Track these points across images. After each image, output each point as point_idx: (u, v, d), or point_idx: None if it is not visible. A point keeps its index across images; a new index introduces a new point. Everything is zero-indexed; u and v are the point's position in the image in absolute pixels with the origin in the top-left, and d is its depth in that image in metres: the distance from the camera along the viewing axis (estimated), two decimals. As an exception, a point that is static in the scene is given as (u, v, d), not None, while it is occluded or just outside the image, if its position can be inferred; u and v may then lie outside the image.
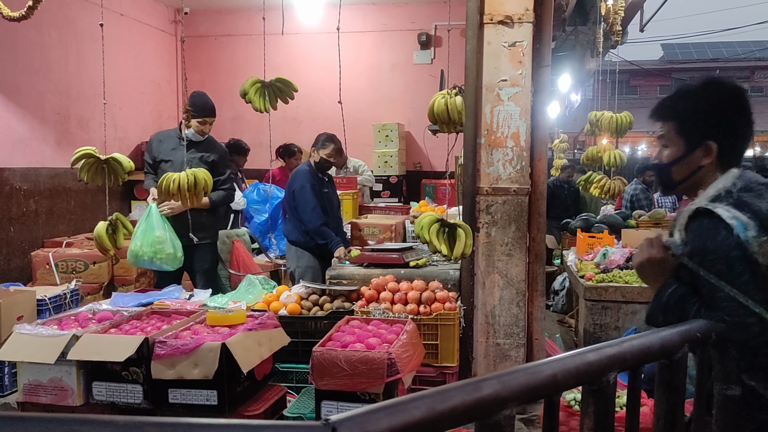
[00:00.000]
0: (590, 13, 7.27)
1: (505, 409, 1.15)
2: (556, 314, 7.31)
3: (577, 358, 1.33)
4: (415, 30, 7.77)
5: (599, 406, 1.38)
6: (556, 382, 1.25)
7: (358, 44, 7.92)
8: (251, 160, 6.46)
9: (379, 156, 7.57)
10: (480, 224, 4.35)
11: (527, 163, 4.39)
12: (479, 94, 4.31)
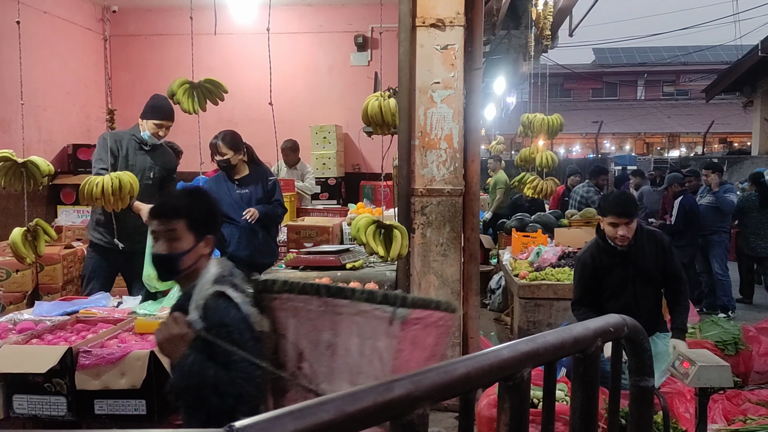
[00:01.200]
0: (522, 18, 7.44)
1: (417, 409, 1.15)
2: (493, 312, 7.43)
3: (492, 355, 1.35)
4: (352, 32, 7.78)
5: (514, 401, 1.41)
6: (470, 380, 1.27)
7: (295, 45, 7.86)
8: (185, 163, 6.31)
9: (317, 158, 7.54)
10: (415, 225, 4.38)
11: (461, 164, 4.45)
12: (413, 96, 4.34)
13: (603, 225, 3.73)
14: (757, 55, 16.14)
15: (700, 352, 3.36)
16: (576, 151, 32.79)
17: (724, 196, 7.65)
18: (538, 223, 7.76)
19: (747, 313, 7.56)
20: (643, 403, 1.77)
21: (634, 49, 36.45)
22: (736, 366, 5.03)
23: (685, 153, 30.23)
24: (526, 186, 6.86)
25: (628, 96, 37.11)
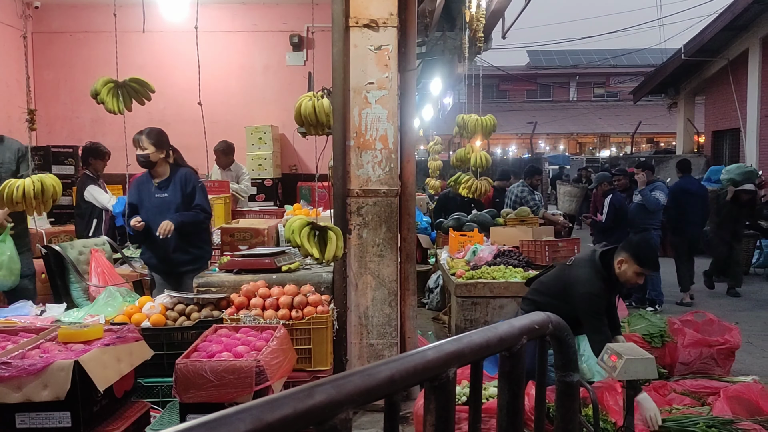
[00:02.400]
0: (456, 19, 7.53)
1: (340, 413, 1.14)
2: (431, 312, 7.50)
3: (417, 356, 1.35)
4: (287, 31, 7.70)
5: (440, 401, 1.41)
6: (394, 383, 1.26)
7: (229, 44, 7.73)
8: (112, 165, 6.12)
9: (253, 159, 7.43)
10: (351, 226, 4.37)
11: (396, 165, 4.46)
12: (347, 96, 4.33)
13: (624, 268, 3.86)
14: (680, 59, 16.88)
15: (627, 346, 3.47)
16: (512, 151, 33.50)
17: (650, 194, 7.93)
18: (475, 222, 7.88)
19: (673, 307, 7.88)
20: (568, 397, 1.81)
21: (566, 52, 37.51)
22: (663, 358, 5.23)
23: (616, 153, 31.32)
24: (461, 186, 6.94)
25: (561, 97, 38.19)
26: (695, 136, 19.50)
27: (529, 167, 9.00)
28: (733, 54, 15.92)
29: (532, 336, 1.67)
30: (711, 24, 15.44)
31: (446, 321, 6.82)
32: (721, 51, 16.22)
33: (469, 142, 7.48)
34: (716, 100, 17.50)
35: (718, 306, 8.06)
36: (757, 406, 3.89)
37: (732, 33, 15.37)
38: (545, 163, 21.78)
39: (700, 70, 17.52)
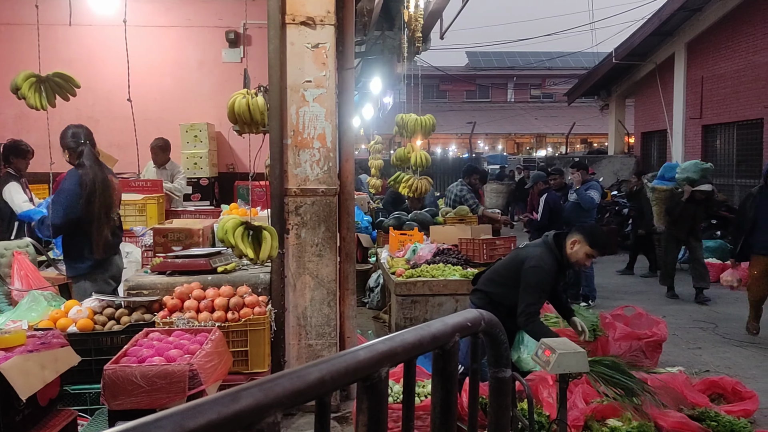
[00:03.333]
0: (395, 19, 7.55)
1: (268, 417, 1.12)
2: (372, 311, 7.51)
3: (348, 357, 1.33)
4: (223, 27, 7.54)
5: (372, 402, 1.40)
6: (325, 384, 1.24)
7: (162, 39, 7.52)
8: (36, 164, 5.84)
9: (188, 157, 7.25)
10: (290, 226, 4.31)
11: (334, 164, 4.43)
12: (284, 94, 4.27)
13: (576, 248, 4.14)
14: (611, 62, 17.45)
15: (560, 340, 3.55)
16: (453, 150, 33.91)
17: (584, 193, 8.15)
18: (415, 221, 7.92)
19: (605, 302, 8.13)
20: (501, 393, 1.83)
21: (504, 54, 38.25)
22: (595, 351, 5.38)
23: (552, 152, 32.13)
24: (402, 185, 6.97)
25: (499, 98, 38.92)
26: (626, 137, 20.19)
27: (467, 167, 9.11)
28: (660, 58, 16.56)
29: (464, 333, 1.67)
30: (640, 29, 16.02)
31: (387, 320, 6.83)
32: (649, 55, 16.86)
33: (410, 142, 7.52)
34: (645, 102, 18.18)
35: (647, 300, 8.37)
36: (682, 395, 4.05)
37: (659, 38, 15.99)
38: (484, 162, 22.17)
39: (630, 74, 18.16)
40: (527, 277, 4.10)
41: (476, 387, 1.78)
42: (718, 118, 14.61)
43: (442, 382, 1.64)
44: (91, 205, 4.27)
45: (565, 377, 3.36)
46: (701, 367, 5.65)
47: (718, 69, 14.43)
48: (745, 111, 13.51)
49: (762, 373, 5.53)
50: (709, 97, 14.79)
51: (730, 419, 3.73)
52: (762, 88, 12.89)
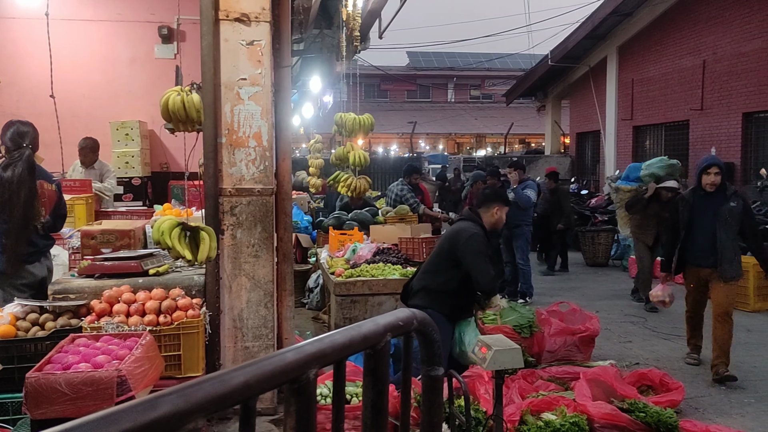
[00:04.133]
0: (334, 18, 7.51)
1: (188, 424, 1.08)
2: (312, 311, 7.45)
3: (275, 359, 1.30)
4: (156, 22, 7.32)
5: (301, 404, 1.37)
6: (250, 388, 1.21)
7: (91, 34, 7.24)
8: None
9: (119, 156, 7.01)
10: (225, 226, 4.23)
11: (271, 163, 4.37)
12: (218, 92, 4.18)
13: (500, 213, 4.50)
14: (548, 64, 17.89)
15: (496, 337, 3.61)
16: (394, 150, 34.06)
17: (521, 192, 8.31)
18: (355, 220, 7.90)
19: (542, 298, 8.31)
20: (434, 391, 1.83)
21: (444, 54, 38.69)
22: (531, 347, 5.50)
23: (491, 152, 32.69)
24: (341, 184, 6.94)
25: (440, 98, 39.34)
26: (562, 137, 20.74)
27: (407, 166, 9.16)
28: (593, 61, 17.08)
29: (396, 333, 1.66)
30: (574, 33, 16.48)
31: (326, 320, 6.79)
32: (583, 58, 17.37)
33: (350, 141, 7.49)
34: (579, 103, 18.71)
35: (582, 296, 8.60)
36: (612, 387, 4.17)
37: (593, 41, 16.49)
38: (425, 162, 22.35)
39: (565, 76, 18.67)
40: (469, 246, 4.24)
41: (408, 385, 1.78)
42: (647, 120, 15.17)
43: (374, 382, 1.63)
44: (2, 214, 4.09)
45: (501, 373, 3.42)
46: (632, 360, 5.84)
47: (648, 72, 14.98)
48: (673, 113, 14.08)
49: (687, 364, 5.75)
50: (640, 100, 15.35)
51: (658, 410, 3.86)
52: (688, 91, 13.46)
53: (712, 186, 5.43)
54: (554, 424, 3.72)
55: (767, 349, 6.18)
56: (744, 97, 11.91)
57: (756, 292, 7.76)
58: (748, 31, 11.80)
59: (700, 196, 5.53)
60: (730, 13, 12.24)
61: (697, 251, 5.50)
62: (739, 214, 5.38)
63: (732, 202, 5.40)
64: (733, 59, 12.18)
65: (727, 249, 5.32)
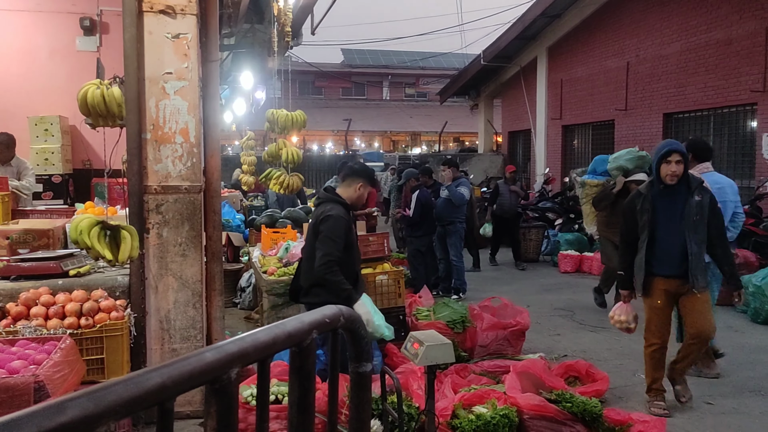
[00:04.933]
0: (265, 12, 7.39)
1: (99, 428, 1.03)
2: (244, 311, 7.32)
3: (194, 360, 1.26)
4: (77, 13, 7.01)
5: (222, 405, 1.34)
6: (166, 389, 1.17)
7: (7, 25, 6.87)
8: None
9: (38, 153, 6.69)
10: (150, 225, 4.10)
11: (199, 159, 4.27)
12: (142, 86, 4.06)
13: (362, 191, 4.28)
14: (480, 63, 18.19)
15: (428, 333, 3.63)
16: (329, 147, 33.93)
17: (455, 189, 8.42)
18: (288, 218, 7.82)
19: (475, 294, 8.44)
20: (362, 387, 1.82)
21: (379, 52, 38.81)
22: (464, 342, 5.58)
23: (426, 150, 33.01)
24: (273, 181, 6.85)
25: (375, 96, 39.43)
26: (494, 135, 21.14)
27: (342, 164, 9.12)
28: (524, 61, 17.49)
29: (322, 330, 1.64)
30: (506, 33, 16.82)
31: (259, 320, 6.69)
32: (514, 58, 17.75)
33: (283, 138, 7.38)
34: (511, 103, 19.12)
35: (513, 291, 8.78)
36: (541, 379, 4.28)
37: (523, 42, 16.87)
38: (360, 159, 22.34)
39: (497, 75, 19.03)
40: (322, 230, 4.03)
41: (336, 383, 1.76)
42: (575, 119, 15.65)
43: (300, 381, 1.60)
44: None
45: (433, 368, 3.44)
46: (560, 353, 6.00)
47: (576, 73, 15.45)
48: (599, 113, 14.57)
49: (612, 355, 5.96)
50: (568, 99, 15.81)
51: (584, 399, 3.97)
52: (613, 92, 13.96)
53: (673, 177, 4.41)
54: (485, 417, 3.78)
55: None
56: (665, 99, 12.44)
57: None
58: (667, 35, 12.33)
59: (659, 190, 4.52)
60: (652, 17, 12.76)
61: (664, 257, 4.51)
62: (705, 211, 4.45)
63: (696, 195, 4.45)
64: (654, 62, 12.71)
65: (697, 253, 4.43)
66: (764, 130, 10.11)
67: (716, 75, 11.10)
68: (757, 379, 5.13)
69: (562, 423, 3.86)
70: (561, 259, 10.64)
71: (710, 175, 5.36)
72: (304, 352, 1.59)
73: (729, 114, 11.21)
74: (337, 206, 4.13)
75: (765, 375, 5.27)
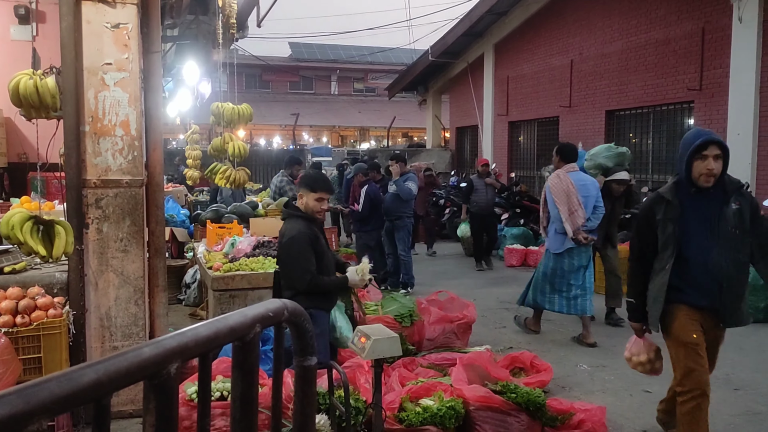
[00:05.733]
0: (210, 3, 7.26)
1: (30, 426, 1.00)
2: (189, 308, 7.20)
3: (131, 355, 1.23)
4: (12, 1, 6.73)
5: (161, 401, 1.31)
6: (102, 385, 1.14)
7: (-65, 12, 6.55)
8: None
9: (-30, 146, 6.42)
10: (89, 220, 3.99)
11: (141, 153, 4.17)
12: (80, 77, 3.93)
13: (306, 199, 4.06)
14: (428, 59, 18.30)
15: (376, 327, 3.64)
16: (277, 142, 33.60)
17: (403, 184, 8.45)
18: (235, 213, 7.72)
19: (423, 288, 8.51)
20: (307, 381, 1.81)
21: (327, 46, 38.58)
22: (412, 336, 5.62)
23: (375, 145, 33.05)
24: (218, 176, 6.74)
25: (323, 90, 39.21)
26: (442, 131, 21.32)
27: (289, 158, 9.06)
28: (472, 57, 17.68)
29: (266, 324, 1.63)
30: (453, 29, 16.96)
31: (204, 316, 6.59)
32: (462, 54, 17.92)
33: (229, 132, 7.27)
34: (459, 99, 19.32)
35: (461, 285, 8.90)
36: (487, 371, 4.35)
37: (471, 38, 17.05)
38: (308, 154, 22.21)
39: (445, 71, 19.18)
40: (287, 252, 4.00)
41: (280, 377, 1.75)
42: (521, 116, 15.93)
43: (243, 375, 1.59)
44: None
45: (380, 362, 3.46)
46: (506, 345, 6.11)
47: (521, 70, 15.72)
48: (544, 109, 14.87)
49: (556, 346, 6.11)
50: (514, 96, 16.08)
51: (528, 390, 4.06)
52: (558, 89, 14.26)
53: (709, 177, 3.42)
54: (432, 410, 3.82)
55: (625, 330, 6.66)
56: (607, 96, 12.78)
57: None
58: (609, 34, 12.67)
59: (689, 194, 3.51)
60: (594, 16, 13.09)
61: (695, 283, 3.49)
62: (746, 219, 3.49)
63: (734, 202, 3.49)
64: (597, 60, 13.04)
65: (736, 279, 3.47)
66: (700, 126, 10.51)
67: (656, 73, 11.47)
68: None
69: (506, 413, 3.93)
70: (507, 253, 10.83)
71: (575, 174, 6.03)
72: (247, 346, 1.57)
73: (668, 111, 11.60)
74: (296, 222, 4.06)
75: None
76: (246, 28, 7.97)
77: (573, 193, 5.97)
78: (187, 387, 3.77)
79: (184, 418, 3.65)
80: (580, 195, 5.92)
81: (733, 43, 9.78)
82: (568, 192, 5.97)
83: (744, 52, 9.59)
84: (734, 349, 5.88)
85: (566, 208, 5.94)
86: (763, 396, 4.77)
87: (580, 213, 5.95)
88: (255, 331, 1.59)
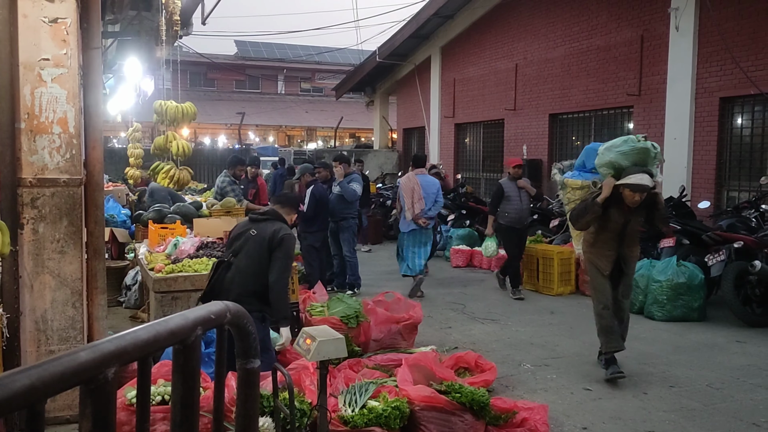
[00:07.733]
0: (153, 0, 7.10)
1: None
2: (129, 310, 7.02)
3: (66, 360, 1.20)
4: (-59, -9, 6.43)
5: (98, 406, 1.28)
6: (36, 391, 1.11)
7: None
8: None
9: None
10: (24, 220, 3.85)
11: (79, 151, 4.05)
12: (16, 72, 3.80)
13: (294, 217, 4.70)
14: (375, 60, 18.36)
15: (321, 328, 3.64)
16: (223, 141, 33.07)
17: (347, 186, 8.45)
18: (178, 213, 7.57)
19: (370, 288, 8.53)
20: (249, 384, 1.80)
21: (274, 45, 38.21)
22: (358, 337, 5.62)
23: (322, 145, 32.93)
24: (161, 175, 6.61)
25: (269, 89, 38.81)
26: (389, 132, 21.42)
27: (232, 158, 8.95)
28: (419, 59, 17.83)
29: (208, 326, 1.61)
30: (400, 31, 17.06)
31: (145, 319, 6.43)
32: (409, 56, 18.06)
33: (172, 130, 7.12)
34: (406, 100, 19.45)
35: (406, 286, 8.93)
36: (432, 371, 4.39)
37: (418, 41, 17.20)
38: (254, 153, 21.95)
39: (392, 72, 19.29)
40: (286, 248, 4.27)
41: (222, 380, 1.73)
42: (468, 118, 16.15)
43: (184, 379, 1.57)
44: None
45: (325, 363, 3.45)
46: (451, 345, 6.18)
47: (468, 73, 15.94)
48: (490, 112, 15.12)
49: (500, 346, 6.22)
50: (461, 98, 16.29)
51: (472, 390, 4.12)
52: (503, 92, 14.52)
53: None
54: (377, 410, 3.84)
55: (567, 328, 6.85)
56: (550, 100, 13.10)
57: (559, 277, 8.56)
58: (552, 39, 12.98)
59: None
60: (538, 22, 13.39)
61: None
62: None
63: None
64: (541, 64, 13.34)
65: None
66: (639, 131, 10.89)
67: (597, 79, 11.82)
68: (628, 365, 5.51)
69: (451, 413, 3.98)
70: (453, 254, 10.96)
71: (422, 176, 8.42)
72: (188, 349, 1.55)
73: (609, 116, 11.97)
74: (285, 225, 4.43)
75: (636, 361, 5.67)
76: (190, 25, 7.84)
77: (417, 190, 8.17)
78: (127, 391, 3.69)
79: (124, 423, 3.56)
80: (423, 192, 8.14)
81: (671, 51, 10.17)
82: (413, 189, 8.18)
83: (680, 59, 9.99)
84: (670, 347, 6.11)
85: (410, 200, 8.12)
86: (698, 392, 4.97)
87: (418, 205, 8.13)
88: (196, 334, 1.57)
